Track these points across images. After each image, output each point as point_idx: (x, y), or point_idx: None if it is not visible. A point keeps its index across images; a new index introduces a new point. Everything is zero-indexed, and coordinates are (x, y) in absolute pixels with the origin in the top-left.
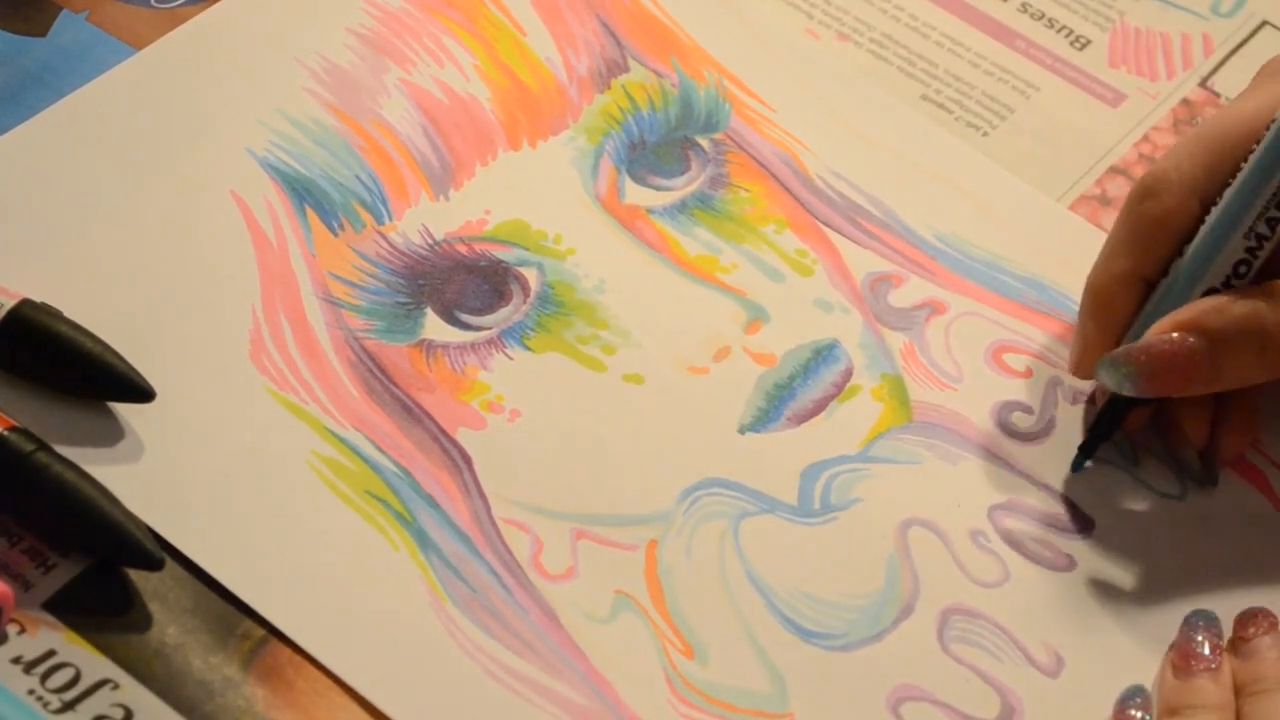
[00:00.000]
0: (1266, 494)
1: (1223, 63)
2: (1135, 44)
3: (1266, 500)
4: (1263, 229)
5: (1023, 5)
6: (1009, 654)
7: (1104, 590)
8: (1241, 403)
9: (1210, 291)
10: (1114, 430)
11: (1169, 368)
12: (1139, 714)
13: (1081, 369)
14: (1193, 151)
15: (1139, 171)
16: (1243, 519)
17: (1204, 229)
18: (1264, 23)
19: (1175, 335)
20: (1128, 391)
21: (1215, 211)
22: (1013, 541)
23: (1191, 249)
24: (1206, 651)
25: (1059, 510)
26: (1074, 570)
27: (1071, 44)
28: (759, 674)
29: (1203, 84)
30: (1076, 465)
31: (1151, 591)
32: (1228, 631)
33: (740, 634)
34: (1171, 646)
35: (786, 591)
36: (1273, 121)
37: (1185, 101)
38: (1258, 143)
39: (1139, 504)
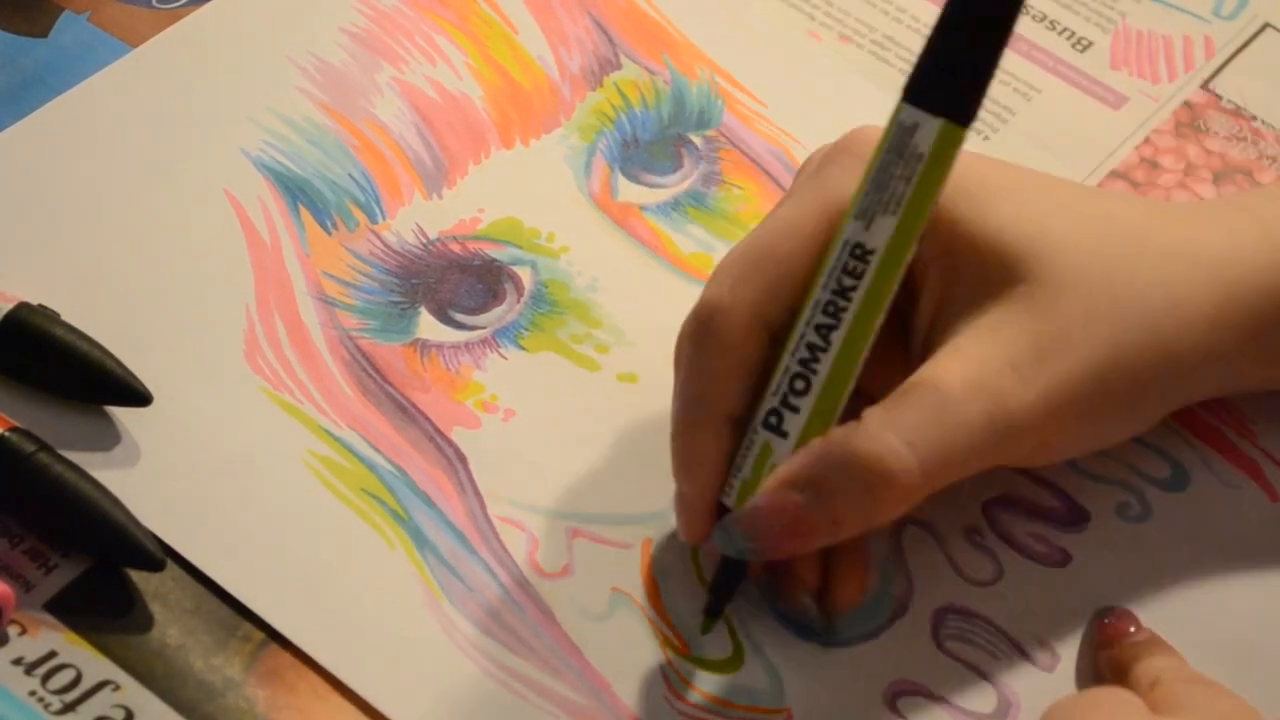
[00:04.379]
0: (1262, 485)
1: (1224, 65)
2: (1137, 46)
3: (1262, 492)
4: (812, 337)
5: (1024, 6)
6: (1004, 651)
7: (1099, 584)
8: (851, 546)
9: (772, 415)
10: (738, 583)
11: (783, 531)
12: (1109, 619)
13: (692, 533)
14: (746, 273)
15: (1140, 175)
16: (1237, 510)
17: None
18: (1265, 25)
19: (776, 495)
20: (752, 559)
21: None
22: (1008, 537)
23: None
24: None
25: (1054, 503)
26: (1069, 565)
27: (1073, 46)
28: (755, 670)
29: (1204, 86)
30: (706, 629)
31: (1147, 584)
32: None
33: (737, 631)
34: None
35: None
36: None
37: (1187, 104)
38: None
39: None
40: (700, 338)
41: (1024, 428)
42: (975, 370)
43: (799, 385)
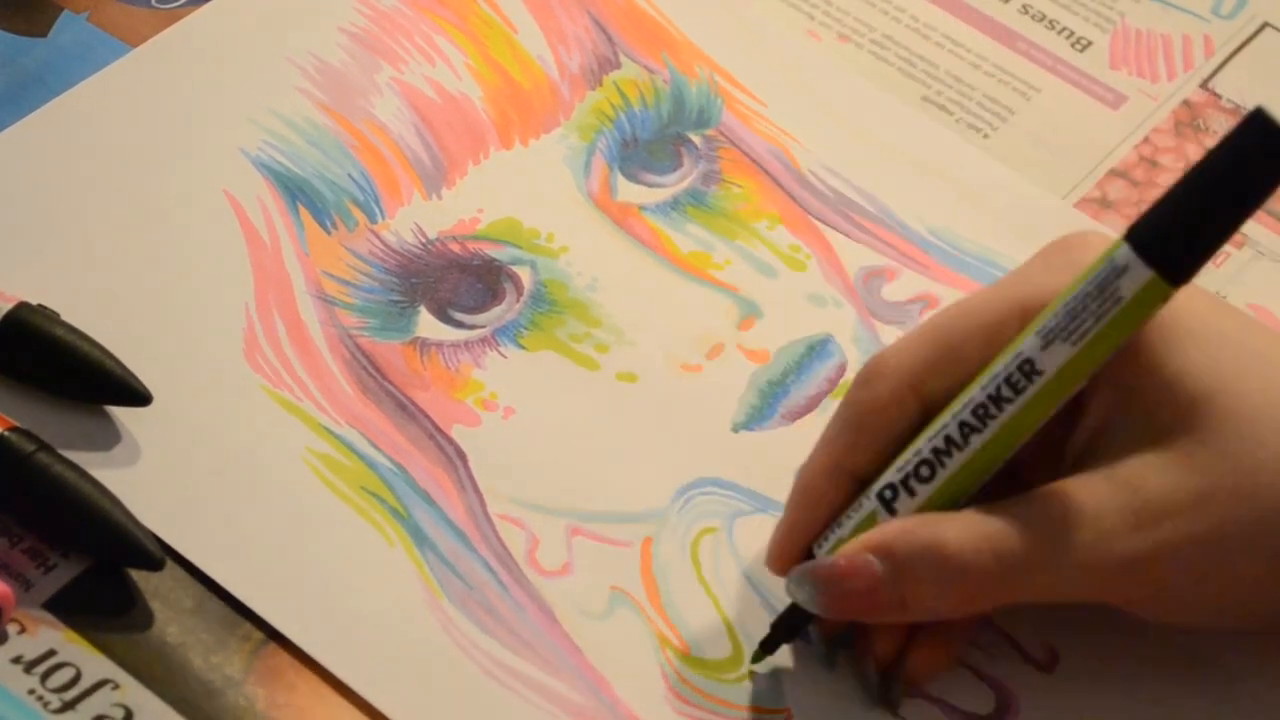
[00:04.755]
0: None
1: (1224, 64)
2: (1136, 45)
3: None
4: (953, 431)
5: (1024, 6)
6: (1004, 650)
7: None
8: (938, 626)
9: (889, 489)
10: (799, 630)
11: (849, 593)
12: None
13: (778, 562)
14: (917, 340)
15: (1139, 174)
16: None
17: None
18: (1265, 24)
19: (857, 556)
20: (812, 609)
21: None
22: None
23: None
24: None
25: None
26: None
27: (1072, 45)
28: (756, 670)
29: (1203, 85)
30: (756, 658)
31: None
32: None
33: (737, 630)
34: None
35: (782, 590)
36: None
37: (1186, 103)
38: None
39: None
40: (858, 388)
41: (1123, 574)
42: (1097, 507)
43: (924, 472)
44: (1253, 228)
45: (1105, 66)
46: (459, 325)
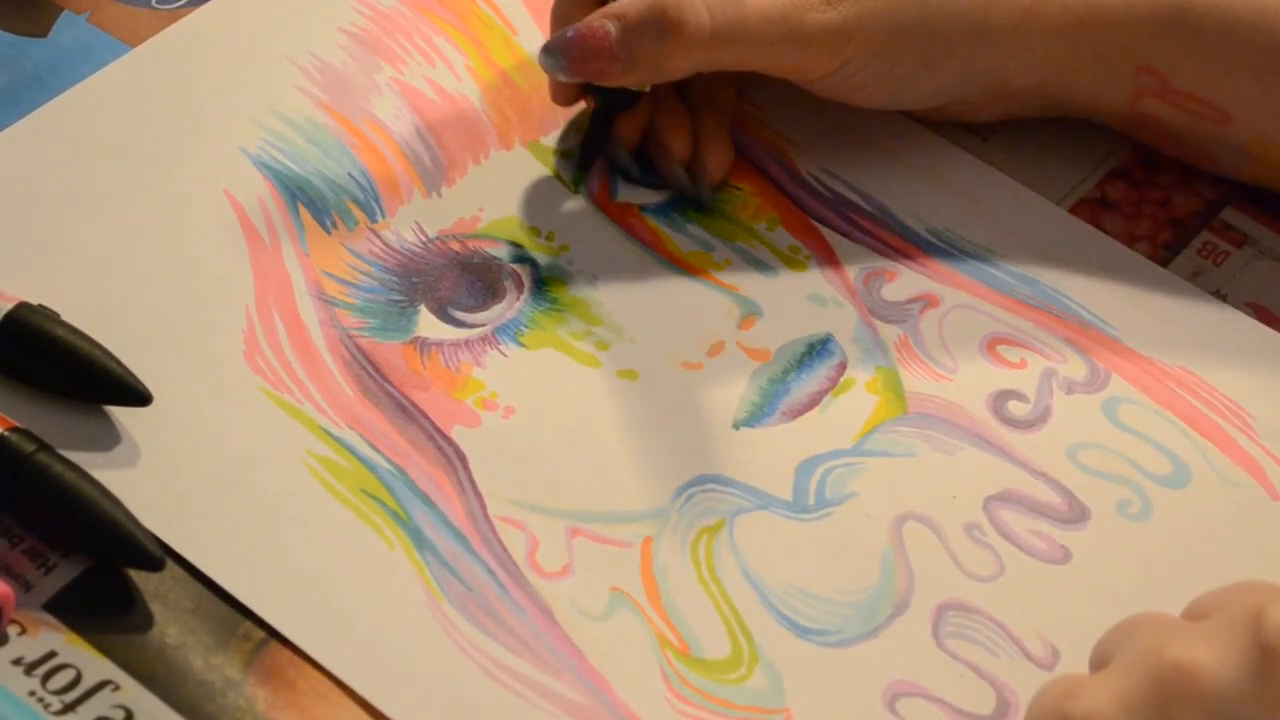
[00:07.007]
0: (1263, 483)
1: None
2: None
3: (1263, 489)
4: None
5: None
6: (1004, 648)
7: (1099, 582)
8: (713, 121)
9: None
10: (605, 138)
11: (585, 52)
12: None
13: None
14: None
15: (1140, 174)
16: (1238, 508)
17: None
18: None
19: (595, 21)
20: (560, 76)
21: None
22: (1008, 534)
23: None
24: None
25: (1055, 500)
26: (1069, 562)
27: None
28: (755, 670)
29: None
30: (577, 182)
31: (1147, 582)
32: None
33: (736, 631)
34: None
35: (782, 588)
36: None
37: None
38: None
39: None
40: None
41: (814, 40)
42: None
43: None
44: (1252, 227)
45: None
46: (459, 324)
